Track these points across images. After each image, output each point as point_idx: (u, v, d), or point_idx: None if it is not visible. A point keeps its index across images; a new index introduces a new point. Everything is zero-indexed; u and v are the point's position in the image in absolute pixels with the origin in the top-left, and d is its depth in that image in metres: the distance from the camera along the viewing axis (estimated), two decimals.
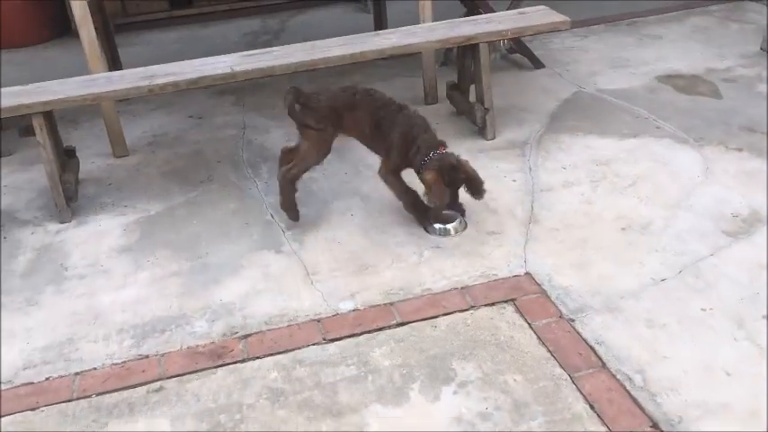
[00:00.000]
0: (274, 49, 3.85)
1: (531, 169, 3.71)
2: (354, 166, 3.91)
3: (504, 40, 3.91)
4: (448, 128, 4.22)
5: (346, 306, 2.83)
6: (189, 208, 3.63)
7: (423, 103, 4.56)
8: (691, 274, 2.83)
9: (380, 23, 5.18)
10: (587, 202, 3.38)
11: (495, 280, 2.90)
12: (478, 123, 4.03)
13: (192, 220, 3.52)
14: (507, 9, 4.39)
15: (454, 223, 3.23)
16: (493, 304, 2.77)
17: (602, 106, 4.34)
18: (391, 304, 2.81)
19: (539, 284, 2.85)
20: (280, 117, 4.57)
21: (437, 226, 3.23)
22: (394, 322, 2.72)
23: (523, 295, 2.80)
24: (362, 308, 2.81)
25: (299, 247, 3.23)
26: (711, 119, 4.06)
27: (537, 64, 4.95)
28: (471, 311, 2.74)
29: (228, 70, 3.59)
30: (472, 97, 4.16)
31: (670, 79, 4.63)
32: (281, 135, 4.36)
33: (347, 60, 3.72)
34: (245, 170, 3.97)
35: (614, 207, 3.32)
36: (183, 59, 3.91)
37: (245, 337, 2.71)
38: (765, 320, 2.56)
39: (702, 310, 2.64)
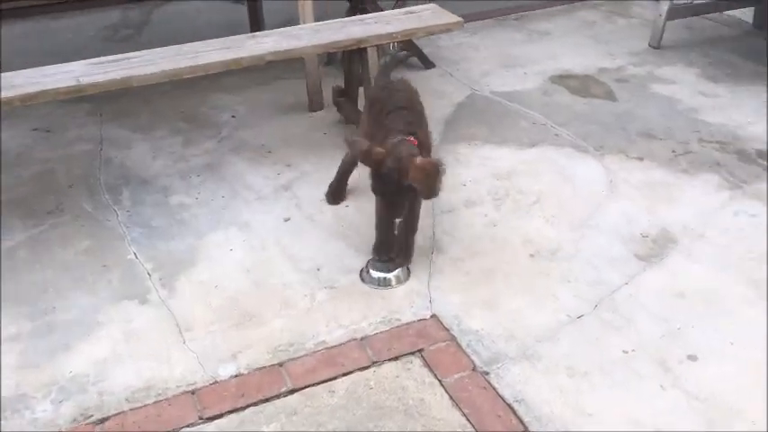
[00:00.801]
0: (133, 55, 3.29)
1: None
2: (232, 186, 3.45)
3: (393, 43, 3.56)
4: (336, 139, 3.82)
5: (227, 370, 2.40)
6: (32, 248, 3.04)
7: (307, 110, 4.14)
8: (607, 308, 2.61)
9: (256, 21, 4.69)
10: (492, 225, 3.10)
11: (398, 326, 2.56)
12: None
13: (36, 264, 2.94)
14: (393, 8, 4.03)
15: (396, 271, 2.79)
16: (397, 358, 2.43)
17: (497, 111, 4.09)
18: (280, 365, 2.41)
19: (447, 329, 2.54)
20: (144, 127, 4.03)
21: (375, 275, 2.78)
22: (284, 389, 2.31)
23: (431, 344, 2.48)
24: (246, 372, 2.39)
25: (169, 294, 2.75)
26: (609, 124, 3.90)
27: (427, 64, 4.64)
28: (374, 369, 2.39)
29: (74, 83, 3.02)
30: (362, 105, 3.78)
31: (563, 80, 4.45)
32: (146, 150, 3.81)
33: (219, 68, 3.23)
34: (103, 196, 3.40)
35: (520, 229, 3.06)
36: (26, 60, 3.29)
37: (102, 421, 2.22)
38: (690, 362, 2.37)
39: (624, 352, 2.42)
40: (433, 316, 2.60)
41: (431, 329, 2.54)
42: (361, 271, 2.83)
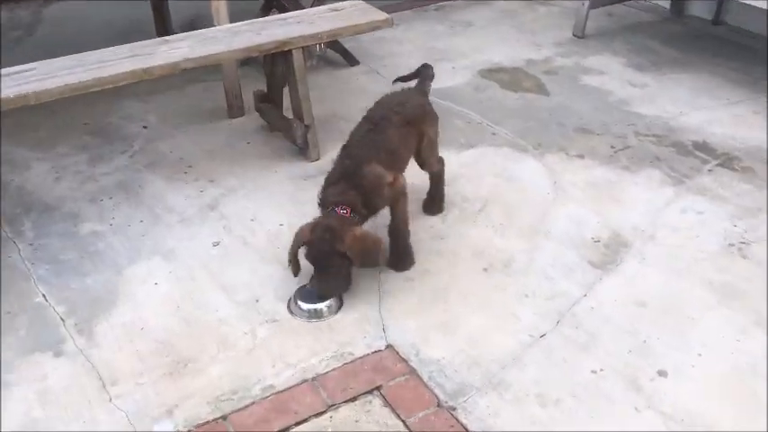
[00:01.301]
0: (28, 67, 2.88)
1: None
2: (150, 209, 3.12)
3: (320, 43, 3.31)
4: (262, 149, 3.55)
5: (163, 428, 2.11)
6: None
7: (226, 117, 3.83)
8: (569, 323, 2.48)
9: (162, 21, 4.30)
10: (440, 237, 2.92)
11: (352, 361, 2.34)
12: (299, 143, 3.40)
13: None
14: (312, 5, 3.76)
15: (327, 302, 2.54)
16: (355, 399, 2.21)
17: None
18: (224, 418, 2.15)
19: (405, 360, 2.34)
20: (44, 144, 3.63)
21: (305, 306, 2.53)
22: None
23: (390, 379, 2.27)
24: (185, 429, 2.11)
25: (88, 342, 2.42)
26: (545, 120, 3.79)
27: (351, 61, 4.40)
28: (330, 414, 2.16)
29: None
30: (287, 110, 3.51)
31: (493, 74, 4.32)
32: (47, 170, 3.41)
33: (128, 80, 2.89)
34: (1, 229, 3.00)
35: (469, 241, 2.89)
36: None
37: None
38: (661, 378, 2.27)
39: (593, 372, 2.29)
40: (389, 346, 2.40)
41: (388, 362, 2.33)
42: (289, 301, 2.57)
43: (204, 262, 2.79)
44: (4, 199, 3.19)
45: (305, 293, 2.55)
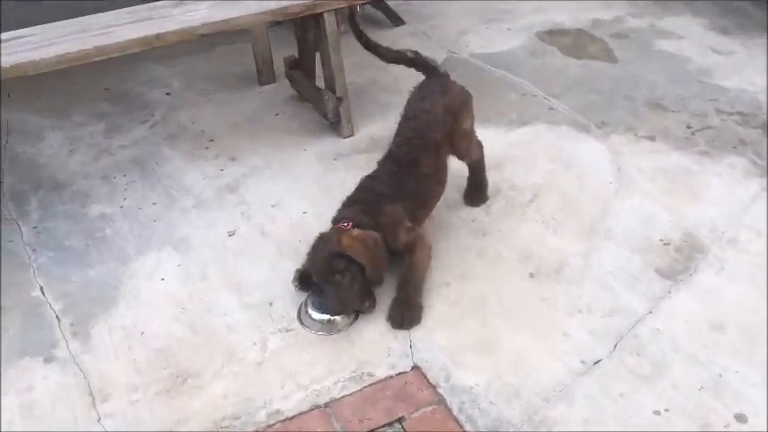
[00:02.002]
0: (24, 33, 2.61)
1: None
2: (165, 189, 2.85)
3: (357, 5, 2.92)
4: (291, 123, 3.22)
5: None
6: None
7: (256, 84, 3.50)
8: (630, 348, 2.10)
9: None
10: (481, 233, 2.56)
11: (371, 384, 2.03)
12: (330, 118, 3.06)
13: None
14: None
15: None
16: None
17: (480, 79, 3.50)
18: None
19: (434, 386, 2.02)
20: (59, 111, 3.37)
21: (317, 316, 2.22)
22: None
23: (414, 410, 1.96)
24: None
25: (82, 346, 2.18)
26: (610, 92, 3.34)
27: (395, 21, 4.00)
28: None
29: None
30: (320, 78, 3.16)
31: (553, 37, 3.86)
32: (61, 141, 3.17)
33: (138, 47, 2.58)
34: (5, 207, 2.78)
35: (516, 238, 2.53)
36: None
37: None
38: (739, 424, 1.89)
39: (656, 413, 1.92)
40: (415, 368, 2.08)
41: (413, 388, 2.02)
42: (299, 309, 2.26)
43: (217, 255, 2.51)
44: (13, 173, 2.97)
45: (318, 300, 2.25)
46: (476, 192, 2.69)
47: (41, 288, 2.40)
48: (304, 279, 2.26)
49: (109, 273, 2.45)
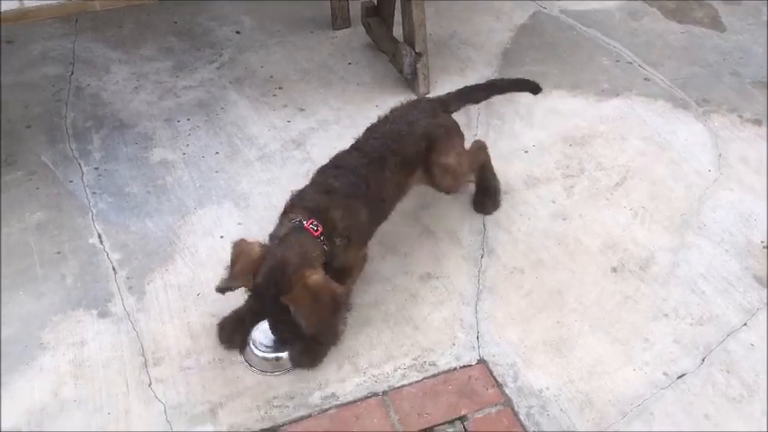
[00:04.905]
0: None
1: None
2: (229, 138, 2.72)
3: None
4: (364, 75, 3.03)
5: None
6: None
7: (330, 28, 3.31)
8: (719, 363, 1.92)
9: None
10: (561, 217, 2.37)
11: (433, 376, 1.91)
12: (406, 73, 2.86)
13: None
14: None
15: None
16: (432, 429, 1.79)
17: (570, 40, 3.22)
18: (273, 431, 1.80)
19: (500, 385, 1.89)
20: (127, 43, 3.26)
21: (260, 354, 1.91)
22: None
23: (478, 409, 1.83)
24: None
25: (137, 303, 2.11)
26: (715, 66, 3.03)
27: None
28: None
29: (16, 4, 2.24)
30: (398, 30, 2.95)
31: None
32: (127, 76, 3.06)
33: None
34: (68, 144, 2.70)
35: (599, 226, 2.33)
36: None
37: None
38: None
39: None
40: (481, 362, 1.94)
41: (477, 384, 1.89)
42: (244, 346, 1.94)
43: (279, 215, 2.39)
44: (77, 107, 2.88)
45: (267, 333, 1.91)
46: (484, 197, 2.37)
47: (99, 235, 2.33)
48: (226, 331, 1.96)
49: (167, 226, 2.36)
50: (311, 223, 1.85)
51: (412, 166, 2.13)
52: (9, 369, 1.93)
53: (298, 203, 1.94)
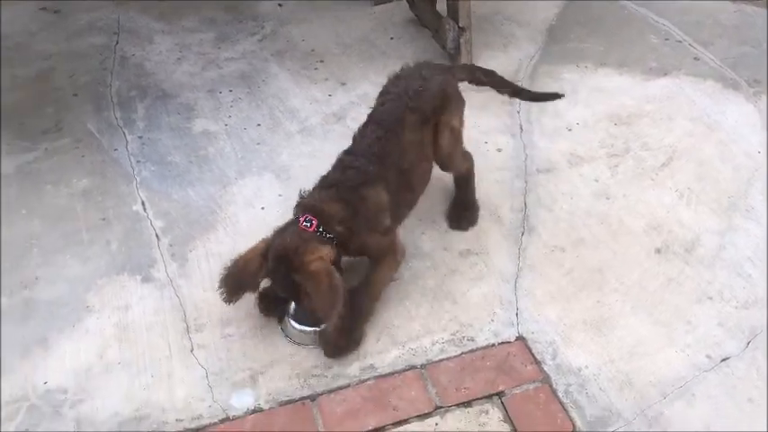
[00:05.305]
0: None
1: (522, 129, 2.60)
2: (271, 111, 2.73)
3: None
4: (405, 50, 3.01)
5: (242, 402, 1.81)
6: (20, 183, 2.44)
7: (372, 2, 3.29)
8: (763, 348, 1.88)
9: None
10: (604, 196, 2.33)
11: (471, 351, 1.91)
12: (449, 48, 2.83)
13: (23, 209, 2.35)
14: None
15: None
16: (470, 404, 1.79)
17: (618, 17, 3.16)
18: (312, 399, 1.81)
19: (539, 362, 1.88)
20: (170, 14, 3.29)
21: (298, 326, 1.93)
22: None
23: (516, 385, 1.83)
24: (267, 406, 1.80)
25: (179, 269, 2.14)
26: None
27: None
28: (437, 419, 1.77)
29: None
30: (441, 6, 2.91)
31: None
32: (170, 47, 3.09)
33: None
34: (113, 112, 2.74)
35: (643, 206, 2.29)
36: None
37: None
38: None
39: None
40: (520, 339, 1.93)
41: (516, 361, 1.88)
42: (283, 316, 1.97)
43: None
44: (122, 77, 2.91)
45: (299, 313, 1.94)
46: (462, 211, 2.24)
47: (143, 203, 2.36)
48: (265, 301, 1.97)
49: (209, 195, 2.39)
50: (305, 219, 1.83)
51: (429, 124, 2.06)
52: (57, 330, 1.98)
53: (299, 202, 1.93)
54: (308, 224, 1.83)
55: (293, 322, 1.95)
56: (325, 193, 1.91)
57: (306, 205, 1.89)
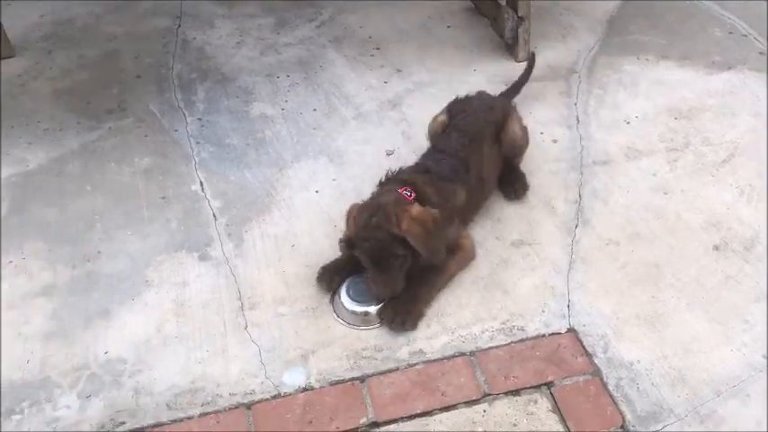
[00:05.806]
0: None
1: (579, 121, 2.58)
2: (327, 96, 2.76)
3: None
4: (462, 38, 3.00)
5: (294, 380, 1.85)
6: (85, 160, 2.53)
7: None
8: None
9: None
10: (662, 191, 2.30)
11: (521, 340, 1.91)
12: (507, 37, 2.81)
13: (87, 185, 2.44)
14: None
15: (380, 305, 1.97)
16: (518, 393, 1.80)
17: (681, 9, 3.09)
18: (362, 380, 1.84)
19: (590, 355, 1.87)
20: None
21: (352, 307, 1.97)
22: (363, 421, 1.76)
23: (566, 376, 1.83)
24: (318, 385, 1.84)
25: (235, 249, 2.19)
26: None
27: None
28: (484, 406, 1.78)
29: None
30: None
31: None
32: (231, 32, 3.14)
33: None
34: (174, 94, 2.81)
35: (701, 202, 2.25)
36: None
37: None
38: None
39: None
40: (571, 331, 1.93)
41: (566, 353, 1.87)
42: (333, 295, 2.03)
43: (374, 174, 2.37)
44: (183, 59, 2.98)
45: (358, 288, 2.00)
46: (513, 181, 2.29)
47: (201, 183, 2.42)
48: (327, 275, 2.05)
49: (265, 177, 2.43)
50: (405, 190, 1.95)
51: (497, 139, 2.23)
52: (117, 302, 2.05)
53: (393, 177, 2.05)
54: (408, 194, 1.94)
55: (345, 302, 1.98)
56: (421, 177, 2.02)
57: (404, 180, 2.00)
